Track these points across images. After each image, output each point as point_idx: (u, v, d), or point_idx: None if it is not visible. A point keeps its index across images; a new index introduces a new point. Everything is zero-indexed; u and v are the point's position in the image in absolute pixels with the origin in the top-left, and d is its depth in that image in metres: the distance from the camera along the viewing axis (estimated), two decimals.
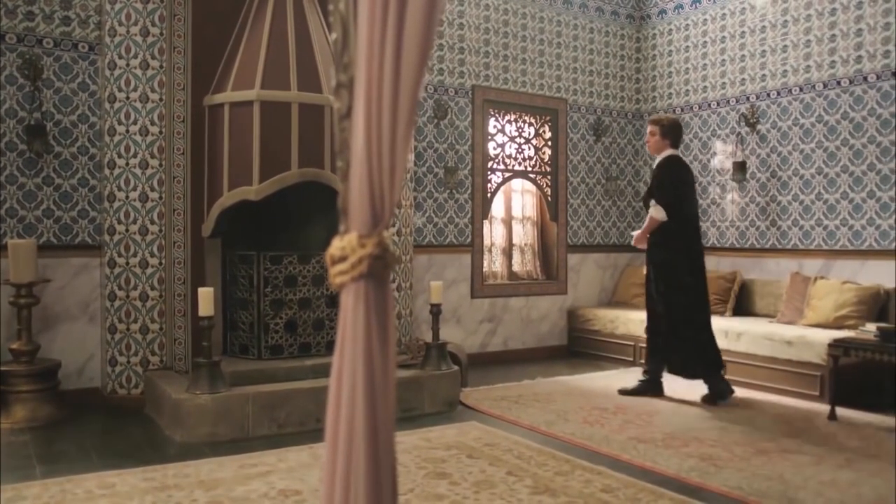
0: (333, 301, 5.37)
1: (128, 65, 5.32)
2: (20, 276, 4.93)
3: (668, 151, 5.62)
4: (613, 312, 7.39)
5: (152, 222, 5.31)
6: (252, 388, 4.71)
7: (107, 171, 5.37)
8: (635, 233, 5.75)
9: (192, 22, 5.35)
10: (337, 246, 1.12)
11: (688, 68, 7.76)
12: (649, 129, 5.71)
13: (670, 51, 7.96)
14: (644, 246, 5.66)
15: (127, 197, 5.31)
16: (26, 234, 5.24)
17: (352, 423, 1.07)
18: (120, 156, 5.32)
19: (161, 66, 5.33)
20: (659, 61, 8.10)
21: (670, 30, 7.96)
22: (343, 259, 1.11)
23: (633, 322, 7.07)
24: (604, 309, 7.58)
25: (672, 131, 5.62)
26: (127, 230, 5.31)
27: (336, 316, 4.71)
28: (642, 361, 5.96)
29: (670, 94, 7.96)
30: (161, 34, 5.34)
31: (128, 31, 5.33)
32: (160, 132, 5.32)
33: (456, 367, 5.47)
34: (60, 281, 5.34)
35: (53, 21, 5.35)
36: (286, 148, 5.07)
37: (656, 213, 5.49)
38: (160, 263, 5.32)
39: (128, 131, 5.31)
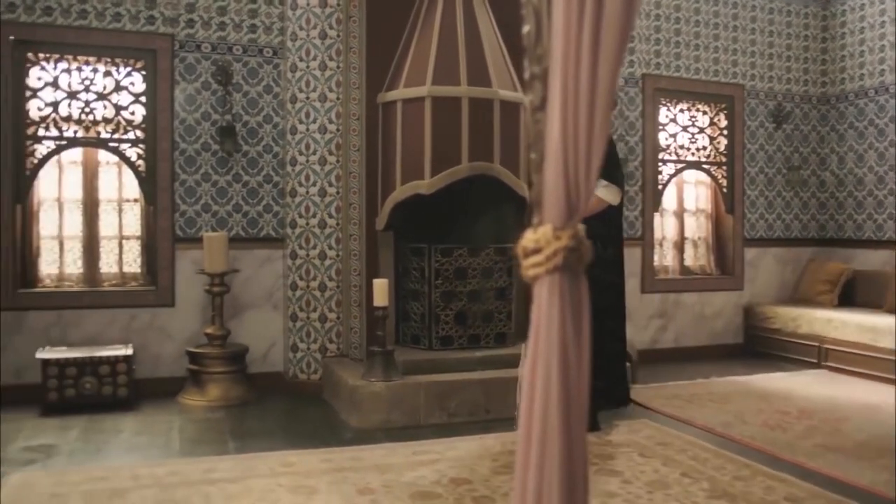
0: (502, 294, 5.41)
1: (308, 67, 5.61)
2: (214, 267, 5.34)
3: None
4: (796, 310, 6.94)
5: (330, 216, 5.58)
6: (424, 377, 4.84)
7: (289, 168, 5.69)
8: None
9: (367, 23, 5.55)
10: (530, 238, 1.11)
11: (883, 45, 7.13)
12: None
13: (862, 27, 7.34)
14: None
15: (307, 192, 5.60)
16: (219, 227, 5.65)
17: (546, 416, 1.07)
18: (301, 153, 5.62)
19: (338, 67, 5.57)
20: (849, 39, 7.49)
21: (862, 4, 7.34)
22: (537, 251, 1.10)
23: (819, 321, 6.62)
24: (785, 306, 7.14)
25: None
26: (307, 223, 5.60)
27: (504, 309, 4.72)
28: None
29: (862, 74, 7.34)
30: (338, 36, 5.58)
31: (307, 35, 5.61)
32: (337, 130, 5.57)
33: (626, 364, 5.34)
34: (248, 271, 5.72)
35: (242, 30, 5.73)
36: (456, 142, 5.15)
37: (608, 194, 4.38)
38: (337, 255, 5.58)
39: (308, 130, 5.59)
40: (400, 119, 5.30)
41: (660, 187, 7.15)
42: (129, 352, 5.16)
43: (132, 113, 5.58)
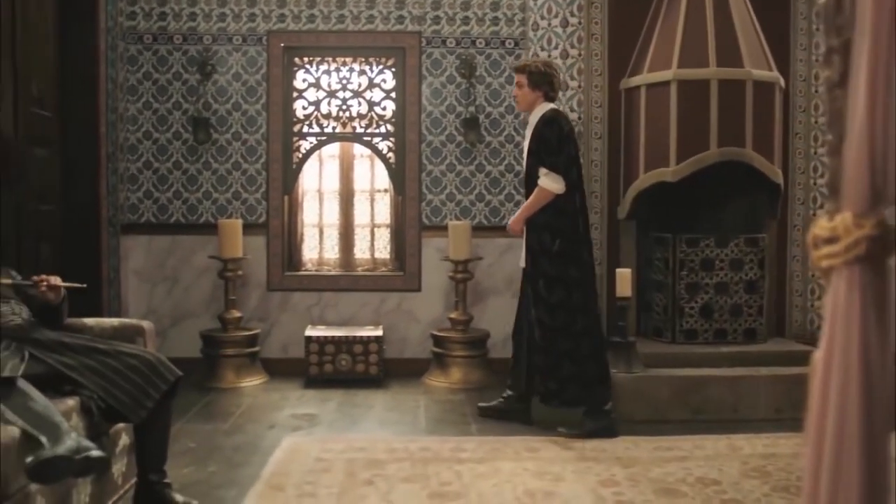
0: (753, 287, 5.08)
1: (549, 56, 5.61)
2: (458, 254, 5.55)
3: (546, 105, 4.45)
4: None
5: None
6: (666, 370, 4.69)
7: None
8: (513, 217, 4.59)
9: (609, 8, 5.45)
10: (825, 226, 1.02)
11: None
12: (516, 78, 4.57)
13: None
14: (520, 231, 4.48)
15: None
16: (462, 216, 5.85)
17: (842, 422, 0.98)
18: None
19: (579, 55, 5.52)
20: None
21: None
22: (832, 240, 1.01)
23: None
24: None
25: (544, 79, 4.45)
26: None
27: (754, 303, 4.44)
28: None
29: None
30: (579, 23, 5.53)
31: (549, 24, 5.61)
32: (579, 118, 5.52)
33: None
34: (489, 259, 5.87)
35: (485, 23, 5.87)
36: (704, 127, 4.91)
37: (550, 183, 4.27)
38: None
39: None
40: (644, 105, 5.15)
41: None
42: (380, 333, 5.52)
43: (383, 108, 5.93)
